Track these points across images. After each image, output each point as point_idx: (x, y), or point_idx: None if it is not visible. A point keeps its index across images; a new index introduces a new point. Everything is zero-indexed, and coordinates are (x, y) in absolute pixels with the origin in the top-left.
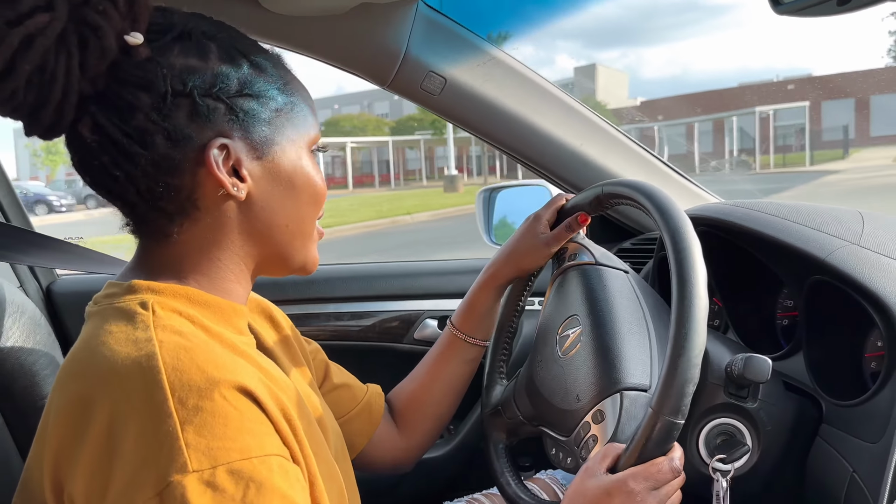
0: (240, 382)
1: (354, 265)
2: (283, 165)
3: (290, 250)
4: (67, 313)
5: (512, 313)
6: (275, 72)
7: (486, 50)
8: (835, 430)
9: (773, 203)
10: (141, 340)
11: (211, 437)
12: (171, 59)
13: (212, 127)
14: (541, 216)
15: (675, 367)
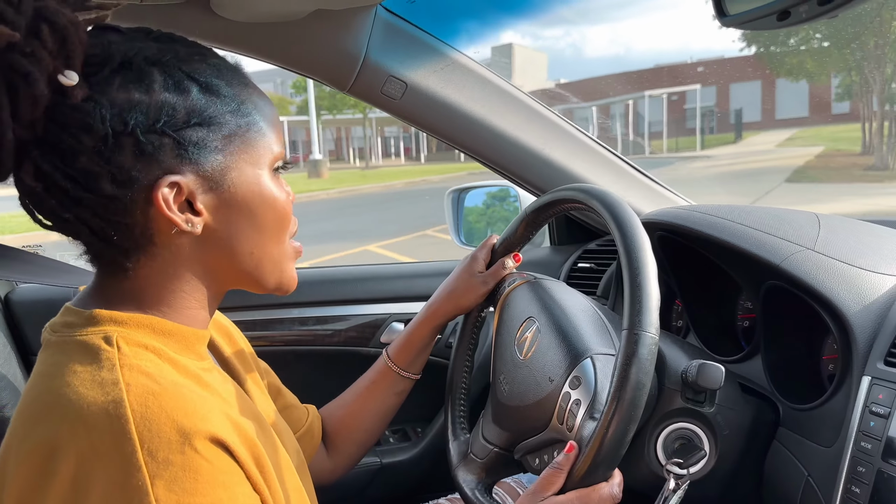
0: (211, 432)
1: (320, 269)
2: (241, 192)
3: (260, 274)
4: (26, 322)
5: (462, 369)
6: (229, 91)
7: (447, 53)
8: (791, 434)
9: (732, 207)
10: (107, 383)
11: (182, 493)
12: (111, 94)
13: (159, 164)
14: (477, 256)
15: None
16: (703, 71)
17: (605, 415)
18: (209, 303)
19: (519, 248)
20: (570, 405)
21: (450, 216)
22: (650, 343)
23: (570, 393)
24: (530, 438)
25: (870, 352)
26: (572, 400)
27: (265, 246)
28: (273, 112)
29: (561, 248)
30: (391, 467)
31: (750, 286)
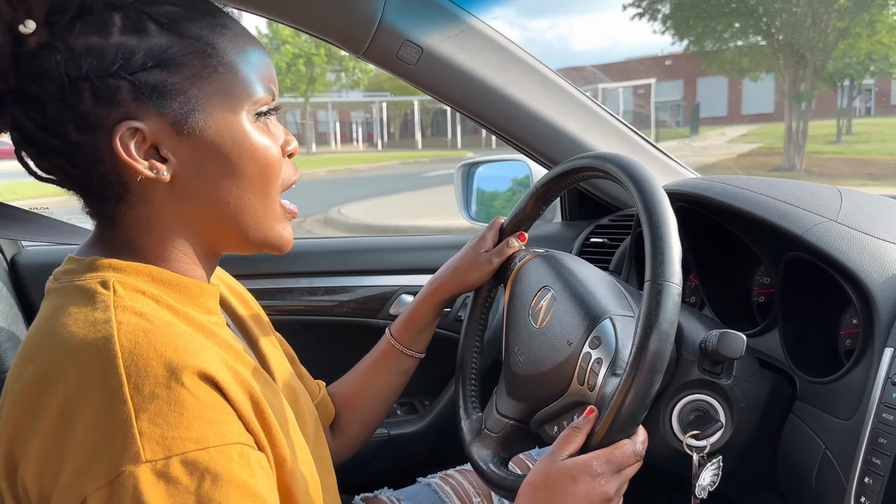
0: (200, 368)
1: (329, 239)
2: (213, 138)
3: (243, 229)
4: (32, 285)
5: (472, 348)
6: (197, 31)
7: (464, 19)
8: (808, 407)
9: (752, 179)
10: (99, 322)
11: (166, 426)
12: (70, 40)
13: (118, 109)
14: (485, 236)
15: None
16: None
17: (630, 367)
18: (200, 258)
19: (528, 224)
20: (591, 364)
21: (459, 191)
22: (675, 293)
23: (591, 353)
24: (548, 406)
25: (893, 323)
26: (593, 359)
27: (244, 197)
28: (257, 55)
29: (573, 224)
30: (399, 439)
31: (770, 258)
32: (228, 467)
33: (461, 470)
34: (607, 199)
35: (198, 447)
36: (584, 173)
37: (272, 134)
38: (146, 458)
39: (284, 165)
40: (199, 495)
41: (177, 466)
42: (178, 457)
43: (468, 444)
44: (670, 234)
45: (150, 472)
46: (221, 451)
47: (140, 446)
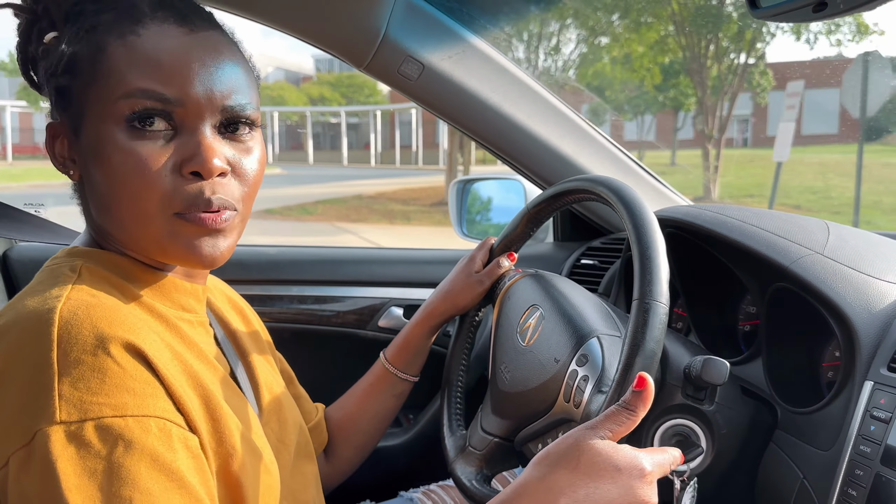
0: (129, 340)
1: (320, 248)
2: (90, 145)
3: (129, 238)
4: (23, 279)
5: (458, 367)
6: (102, 38)
7: (465, 38)
8: (788, 437)
9: (742, 208)
10: (51, 297)
11: (85, 391)
12: (57, 47)
13: (53, 110)
14: (474, 257)
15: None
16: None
17: (616, 383)
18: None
19: (519, 245)
20: (578, 381)
21: (453, 207)
22: (662, 313)
23: (577, 370)
24: (533, 424)
25: (874, 357)
26: (580, 376)
27: (119, 208)
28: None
29: (564, 245)
30: (382, 451)
31: (756, 287)
32: (144, 437)
33: (443, 485)
34: (599, 221)
35: (115, 414)
36: (576, 195)
37: (155, 144)
38: (60, 419)
39: (169, 181)
40: (110, 461)
41: (90, 430)
42: (92, 421)
43: (451, 461)
44: (659, 255)
45: (62, 433)
46: (139, 422)
47: (56, 407)
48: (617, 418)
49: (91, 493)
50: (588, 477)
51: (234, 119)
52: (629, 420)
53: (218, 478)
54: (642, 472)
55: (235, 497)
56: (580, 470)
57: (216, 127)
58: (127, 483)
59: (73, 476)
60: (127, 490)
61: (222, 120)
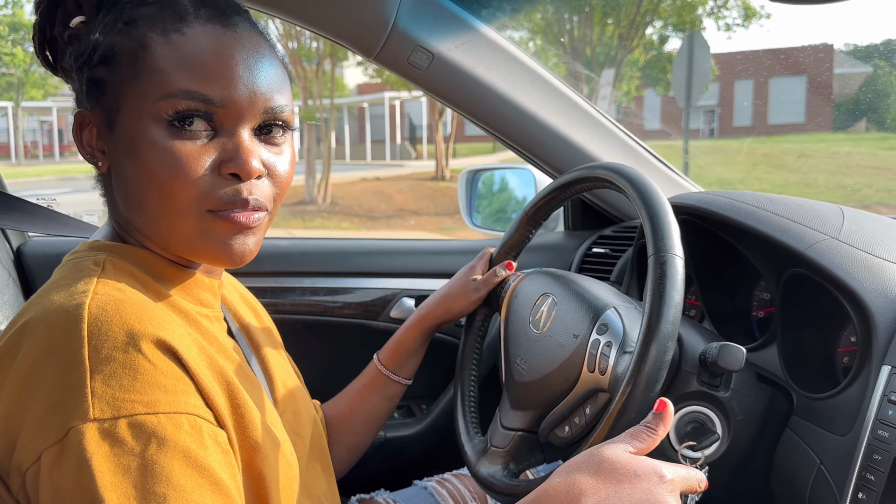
0: (160, 337)
1: (332, 240)
2: (125, 140)
3: (157, 233)
4: (37, 273)
5: (469, 377)
6: (144, 32)
7: (475, 27)
8: (804, 423)
9: (755, 194)
10: (77, 292)
11: (118, 388)
12: (83, 36)
13: (84, 97)
14: (474, 266)
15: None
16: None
17: (644, 336)
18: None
19: (518, 251)
20: (601, 349)
21: (462, 197)
22: (679, 264)
23: (599, 339)
24: (557, 407)
25: (890, 341)
26: (602, 344)
27: (155, 206)
28: (210, 59)
29: (575, 234)
30: (396, 441)
31: (771, 273)
32: (176, 434)
33: (457, 474)
34: (610, 209)
35: (147, 411)
36: (576, 187)
37: (194, 144)
38: (94, 416)
39: (207, 181)
40: (144, 458)
41: (124, 427)
42: (125, 418)
43: (474, 465)
44: (667, 214)
45: (96, 430)
46: (171, 419)
47: (90, 404)
48: (638, 436)
49: (125, 490)
50: (608, 481)
51: (271, 121)
52: (650, 438)
53: (243, 472)
54: (661, 479)
55: (259, 490)
56: (601, 475)
57: (253, 129)
58: (161, 480)
59: (108, 473)
60: (161, 487)
61: (261, 122)
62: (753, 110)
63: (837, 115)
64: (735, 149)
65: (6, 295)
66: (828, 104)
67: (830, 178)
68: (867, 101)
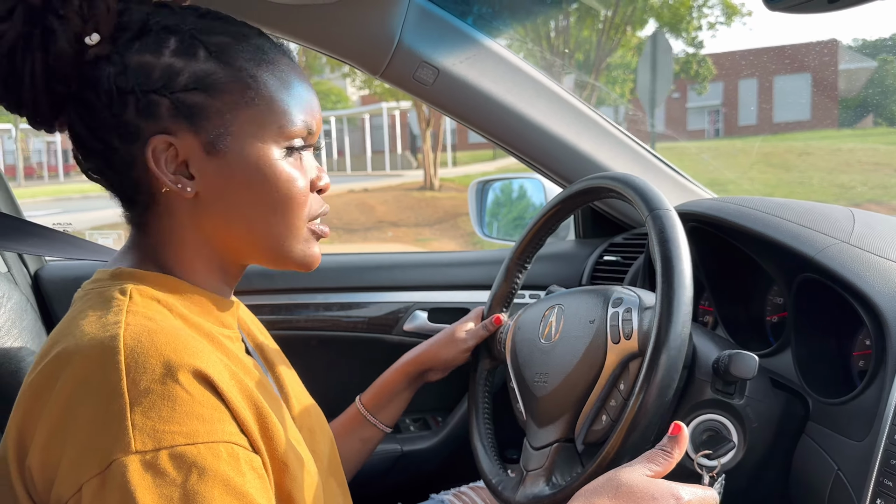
0: (196, 366)
1: (344, 255)
2: (240, 164)
3: (263, 249)
4: (55, 298)
5: (484, 426)
6: (244, 62)
7: (479, 40)
8: (821, 428)
9: (765, 200)
10: (109, 323)
11: (158, 420)
12: (127, 56)
13: (157, 123)
14: (466, 319)
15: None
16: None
17: (654, 344)
18: (219, 271)
19: (509, 300)
20: (622, 316)
21: (473, 207)
22: (675, 217)
23: (618, 311)
24: (588, 399)
25: None
26: (622, 312)
27: (266, 222)
28: (300, 92)
29: (586, 242)
30: (412, 455)
31: (783, 279)
32: (216, 463)
33: (474, 487)
34: (621, 217)
35: (187, 442)
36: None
37: (302, 168)
38: (136, 449)
39: (311, 199)
40: (185, 488)
41: (165, 459)
42: (166, 450)
43: (515, 497)
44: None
45: (138, 462)
46: (210, 448)
47: (131, 437)
48: (654, 459)
49: None
50: (627, 502)
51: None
52: (666, 461)
53: (275, 493)
54: (679, 501)
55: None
56: (620, 498)
57: None
58: None
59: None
60: None
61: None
62: (759, 109)
63: (843, 112)
64: (738, 148)
65: (24, 320)
66: (833, 101)
67: (827, 177)
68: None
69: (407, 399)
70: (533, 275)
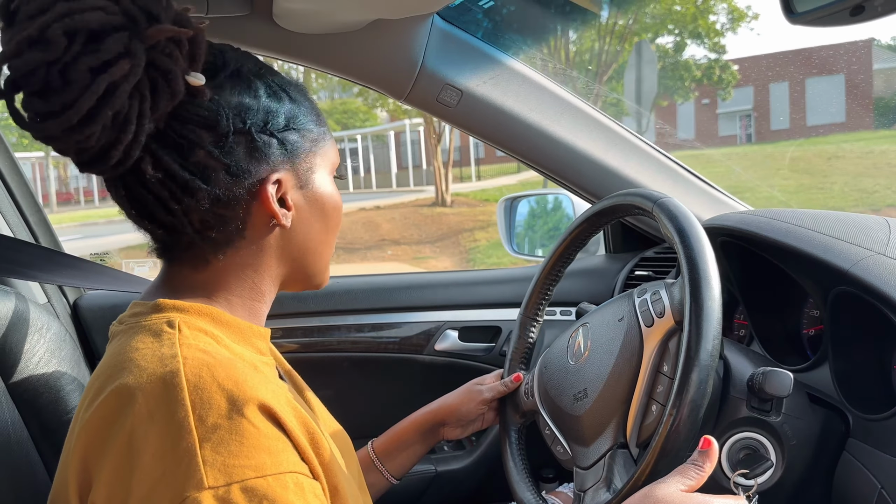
0: (260, 400)
1: (374, 276)
2: (320, 193)
3: (315, 269)
4: (94, 328)
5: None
6: (307, 104)
7: (501, 61)
8: (862, 445)
9: (796, 212)
10: (166, 357)
11: (227, 455)
12: (226, 97)
13: (267, 161)
14: (484, 377)
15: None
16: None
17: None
18: (268, 298)
19: (528, 355)
20: (650, 298)
21: (502, 224)
22: (701, 234)
23: (645, 297)
24: (634, 395)
25: None
26: (649, 297)
27: (327, 244)
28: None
29: (616, 257)
30: (446, 475)
31: (817, 293)
32: (284, 494)
33: None
34: (651, 231)
35: (256, 475)
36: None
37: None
38: (209, 485)
39: None
40: None
41: (237, 493)
42: (238, 484)
43: None
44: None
45: (212, 497)
46: (278, 479)
47: (203, 473)
48: (687, 473)
49: None
50: None
51: None
52: (698, 475)
53: None
54: None
55: None
56: None
57: None
58: None
59: None
60: None
61: None
62: (791, 113)
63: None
64: (767, 154)
65: (64, 350)
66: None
67: (851, 181)
68: None
69: (418, 453)
70: (563, 291)
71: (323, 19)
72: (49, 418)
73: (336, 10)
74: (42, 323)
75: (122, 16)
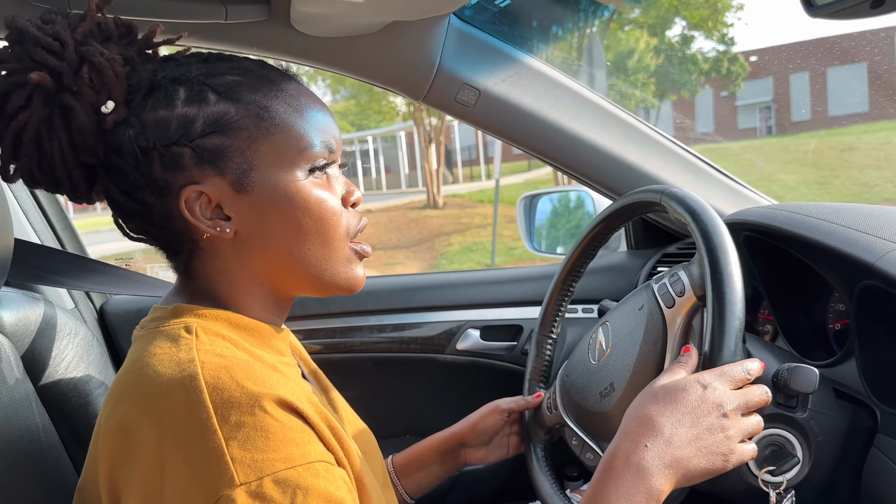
0: (278, 395)
1: (395, 277)
2: (269, 195)
3: (308, 276)
4: (120, 332)
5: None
6: (252, 96)
7: (518, 59)
8: (890, 440)
9: (820, 205)
10: (184, 362)
11: (255, 451)
12: (143, 115)
13: (183, 173)
14: (506, 399)
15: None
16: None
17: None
18: (270, 303)
19: (547, 373)
20: (668, 280)
21: (521, 222)
22: (722, 229)
23: (664, 282)
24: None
25: None
26: (667, 277)
27: (304, 247)
28: (314, 113)
29: (639, 253)
30: (471, 474)
31: (843, 287)
32: (316, 482)
33: None
34: (673, 226)
35: (286, 466)
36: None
37: (330, 187)
38: (241, 481)
39: (346, 215)
40: None
41: (269, 485)
42: (269, 476)
43: None
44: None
45: (245, 493)
46: (308, 468)
47: (234, 471)
48: (674, 369)
49: None
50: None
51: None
52: (689, 362)
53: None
54: (703, 383)
55: None
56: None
57: None
58: None
59: None
60: None
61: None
62: (812, 104)
63: None
64: (784, 146)
65: (91, 354)
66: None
67: (856, 175)
68: None
69: (435, 474)
70: (584, 288)
71: (339, 23)
72: (78, 422)
73: (352, 13)
74: (70, 328)
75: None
